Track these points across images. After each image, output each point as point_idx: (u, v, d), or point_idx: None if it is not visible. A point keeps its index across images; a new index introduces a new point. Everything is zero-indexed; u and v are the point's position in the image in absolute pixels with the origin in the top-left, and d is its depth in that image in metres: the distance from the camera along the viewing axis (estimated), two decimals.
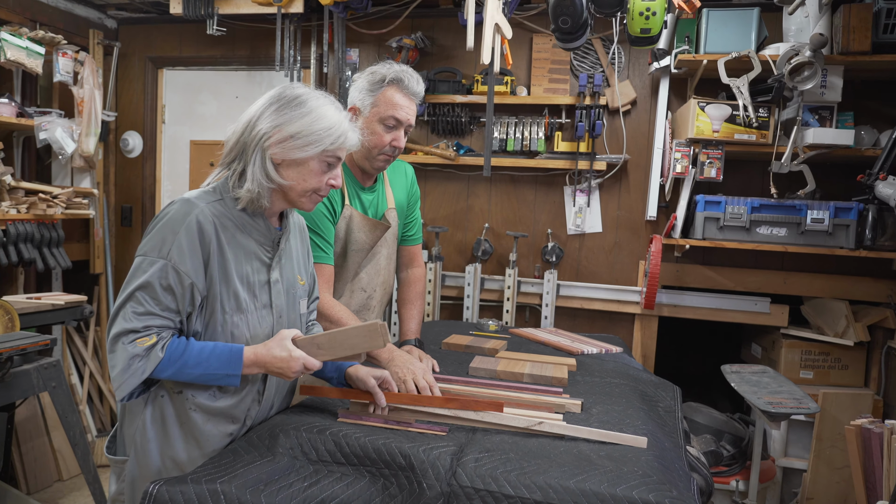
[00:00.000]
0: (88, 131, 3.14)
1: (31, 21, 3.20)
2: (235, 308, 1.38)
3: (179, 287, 1.30)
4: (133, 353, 1.27)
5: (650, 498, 1.21)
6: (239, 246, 1.39)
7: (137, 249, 1.34)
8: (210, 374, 1.32)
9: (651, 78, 3.05)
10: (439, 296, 3.27)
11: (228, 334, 1.38)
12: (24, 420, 3.18)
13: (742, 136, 2.63)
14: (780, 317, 2.96)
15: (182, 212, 1.32)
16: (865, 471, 1.82)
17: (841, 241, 2.63)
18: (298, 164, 1.37)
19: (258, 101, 1.40)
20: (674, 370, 3.56)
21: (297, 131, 1.34)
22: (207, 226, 1.33)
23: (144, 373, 1.28)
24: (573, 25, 1.62)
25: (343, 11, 3.14)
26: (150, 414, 1.38)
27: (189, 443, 1.39)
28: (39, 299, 2.80)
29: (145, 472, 1.39)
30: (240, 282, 1.38)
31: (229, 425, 1.42)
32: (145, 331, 1.29)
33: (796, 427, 2.89)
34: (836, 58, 2.54)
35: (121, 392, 1.31)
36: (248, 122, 1.37)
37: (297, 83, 1.44)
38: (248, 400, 1.44)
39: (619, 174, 3.14)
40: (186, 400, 1.38)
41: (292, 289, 1.51)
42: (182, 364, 1.30)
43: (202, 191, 1.40)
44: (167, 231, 1.31)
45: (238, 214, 1.40)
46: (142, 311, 1.29)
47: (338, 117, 1.39)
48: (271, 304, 1.44)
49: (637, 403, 1.86)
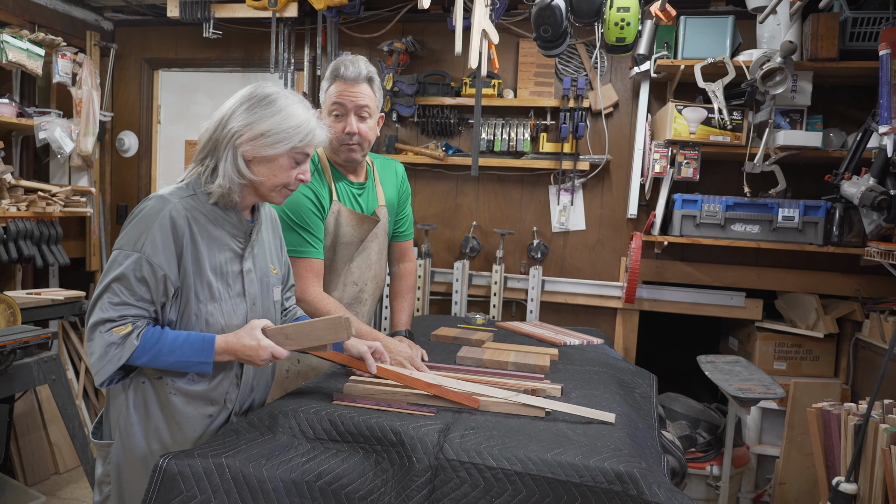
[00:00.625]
0: (87, 131, 3.23)
1: (29, 23, 3.27)
2: (209, 297, 1.44)
3: (153, 278, 1.37)
4: (109, 340, 1.34)
5: (620, 468, 1.33)
6: (212, 238, 1.45)
7: (114, 243, 1.41)
8: (183, 361, 1.39)
9: (632, 82, 3.18)
10: (429, 291, 3.38)
11: (203, 322, 1.45)
12: (22, 414, 3.25)
13: (717, 138, 2.76)
14: (755, 310, 3.09)
15: (156, 208, 1.39)
16: (826, 450, 1.95)
17: (810, 238, 2.77)
18: (269, 160, 1.44)
19: (230, 99, 1.46)
20: (656, 363, 3.69)
21: (267, 129, 1.41)
22: (180, 220, 1.39)
23: (120, 360, 1.35)
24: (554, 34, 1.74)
25: (336, 16, 3.24)
26: (133, 399, 1.46)
27: (171, 425, 1.47)
28: (39, 294, 2.88)
29: (130, 454, 1.47)
30: (213, 272, 1.45)
31: (208, 407, 1.50)
32: (121, 320, 1.35)
33: (770, 416, 3.03)
34: (806, 64, 2.67)
35: (99, 378, 1.37)
36: (220, 119, 1.43)
37: (267, 83, 1.49)
38: (225, 384, 1.51)
39: (602, 174, 3.27)
40: (166, 385, 1.45)
41: (265, 277, 1.58)
42: (156, 352, 1.37)
43: (176, 187, 1.46)
44: (142, 226, 1.37)
45: (210, 208, 1.46)
46: (117, 302, 1.35)
47: (306, 115, 1.46)
48: (244, 292, 1.51)
49: (614, 389, 1.98)
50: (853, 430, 1.82)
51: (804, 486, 2.82)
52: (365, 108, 1.90)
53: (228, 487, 1.31)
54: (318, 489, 1.35)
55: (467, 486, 1.34)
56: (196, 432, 1.49)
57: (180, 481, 1.30)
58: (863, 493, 1.77)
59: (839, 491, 1.80)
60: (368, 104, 1.90)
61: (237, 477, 1.31)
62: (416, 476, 1.35)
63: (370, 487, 1.38)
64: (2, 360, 2.41)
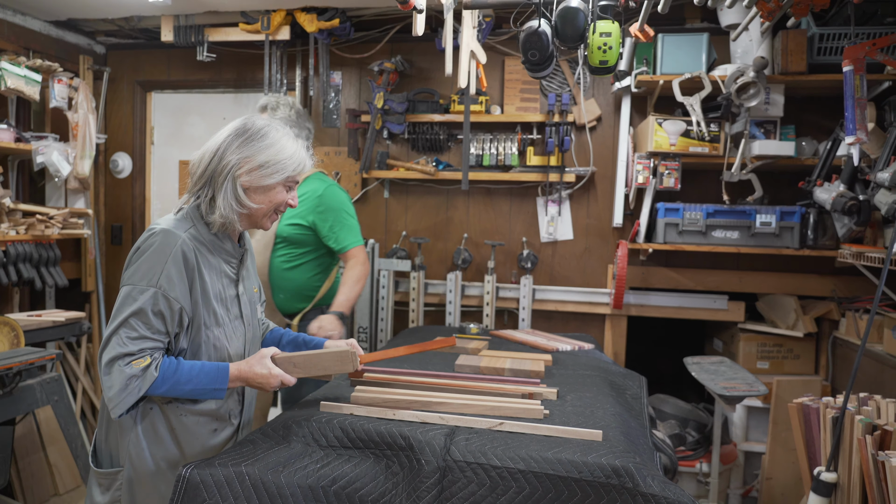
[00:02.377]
0: (83, 154, 3.28)
1: (24, 49, 3.33)
2: (214, 322, 1.53)
3: (169, 311, 1.43)
4: (130, 373, 1.39)
5: (616, 463, 1.43)
6: (212, 266, 1.54)
7: (124, 278, 1.45)
8: (200, 389, 1.47)
9: (614, 96, 3.31)
10: (423, 303, 3.46)
11: (211, 346, 1.53)
12: (21, 436, 3.26)
13: (696, 149, 2.89)
14: (737, 312, 3.22)
15: (166, 243, 1.44)
16: (807, 442, 2.06)
17: (787, 242, 2.90)
18: (266, 189, 1.54)
19: (220, 133, 1.54)
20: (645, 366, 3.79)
21: (265, 161, 1.51)
22: (189, 253, 1.47)
23: (141, 391, 1.40)
24: (541, 57, 1.85)
25: (327, 37, 3.34)
26: (142, 425, 1.52)
27: (178, 444, 1.55)
28: (40, 317, 2.92)
29: (142, 476, 1.52)
30: (215, 299, 1.53)
31: (214, 423, 1.59)
32: (140, 353, 1.40)
33: (755, 413, 3.15)
34: (777, 77, 2.82)
35: (118, 410, 1.41)
36: (214, 152, 1.51)
37: (255, 116, 1.61)
38: (230, 402, 1.62)
39: (588, 185, 3.39)
40: (176, 408, 1.53)
41: (252, 298, 1.69)
42: (175, 381, 1.44)
43: (176, 219, 1.52)
44: (154, 261, 1.43)
45: (209, 238, 1.54)
46: (136, 336, 1.40)
47: (296, 146, 1.58)
48: (241, 314, 1.62)
49: (607, 391, 2.08)
50: (831, 423, 1.93)
51: (790, 479, 2.94)
52: None
53: (249, 494, 1.38)
54: (333, 493, 1.43)
55: (474, 485, 1.43)
56: (202, 446, 1.58)
57: (203, 490, 1.37)
58: (842, 481, 1.88)
59: (820, 480, 1.91)
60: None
61: (257, 484, 1.39)
62: (425, 478, 1.44)
63: (382, 490, 1.46)
64: (7, 382, 2.45)
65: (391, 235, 3.61)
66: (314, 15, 3.17)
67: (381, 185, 3.61)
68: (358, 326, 3.47)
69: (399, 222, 3.61)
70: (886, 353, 2.52)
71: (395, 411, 1.65)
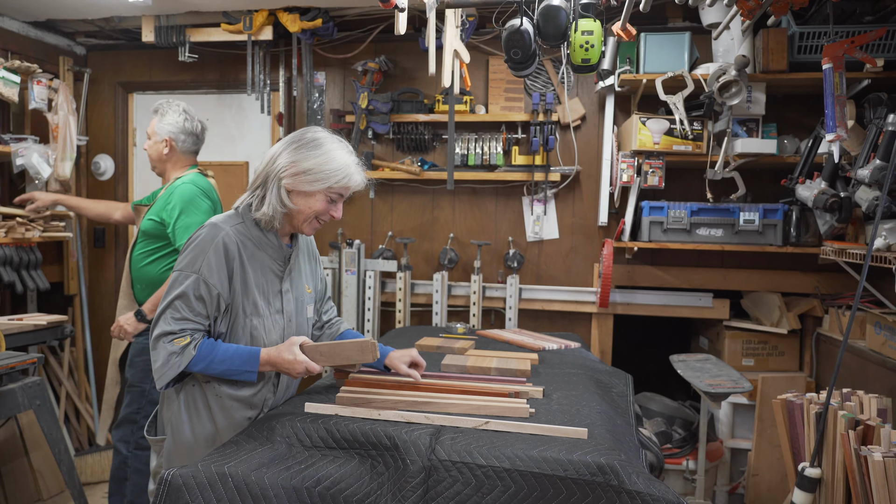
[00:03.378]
0: (64, 156, 3.24)
1: (2, 50, 3.28)
2: (254, 312, 1.64)
3: (209, 296, 1.57)
4: (171, 350, 1.55)
5: (602, 461, 1.43)
6: (257, 261, 1.65)
7: (175, 266, 1.62)
8: (233, 369, 1.59)
9: (598, 95, 3.32)
10: (409, 303, 3.45)
11: (248, 335, 1.64)
12: (3, 441, 3.22)
13: (680, 147, 2.90)
14: (722, 310, 3.24)
15: (210, 234, 1.59)
16: (791, 439, 2.08)
17: (770, 239, 2.93)
18: (306, 195, 1.64)
19: (283, 139, 1.67)
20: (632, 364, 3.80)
21: (309, 168, 1.61)
22: (231, 245, 1.59)
23: (180, 367, 1.55)
24: (524, 56, 1.85)
25: (310, 37, 3.33)
26: (184, 400, 1.66)
27: (215, 423, 1.65)
28: (21, 320, 2.88)
29: (180, 446, 1.66)
30: (257, 291, 1.64)
31: (249, 411, 1.67)
32: (181, 332, 1.56)
33: (741, 410, 3.17)
34: (759, 76, 2.84)
35: (160, 382, 1.58)
36: (271, 156, 1.64)
37: (318, 128, 1.69)
38: (264, 391, 1.70)
39: (573, 184, 3.40)
40: (214, 389, 1.65)
41: (301, 297, 1.78)
42: (210, 361, 1.57)
43: (228, 215, 1.67)
44: (198, 251, 1.58)
45: (256, 234, 1.66)
46: (178, 317, 1.56)
47: (346, 160, 1.65)
48: (282, 309, 1.71)
49: (593, 389, 2.08)
50: (815, 419, 1.94)
51: (776, 476, 2.96)
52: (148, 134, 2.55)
53: (232, 495, 1.37)
54: (318, 494, 1.42)
55: (459, 484, 1.42)
56: (235, 429, 1.65)
57: (185, 492, 1.36)
58: (826, 476, 1.90)
59: (805, 476, 1.92)
60: (147, 130, 2.55)
61: (240, 485, 1.38)
62: (410, 477, 1.43)
63: (367, 490, 1.45)
64: None
65: (377, 236, 3.60)
66: (297, 15, 3.16)
67: (366, 186, 3.58)
68: None
69: (385, 223, 3.60)
70: (869, 349, 2.54)
71: (381, 411, 1.64)
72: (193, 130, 2.54)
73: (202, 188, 2.45)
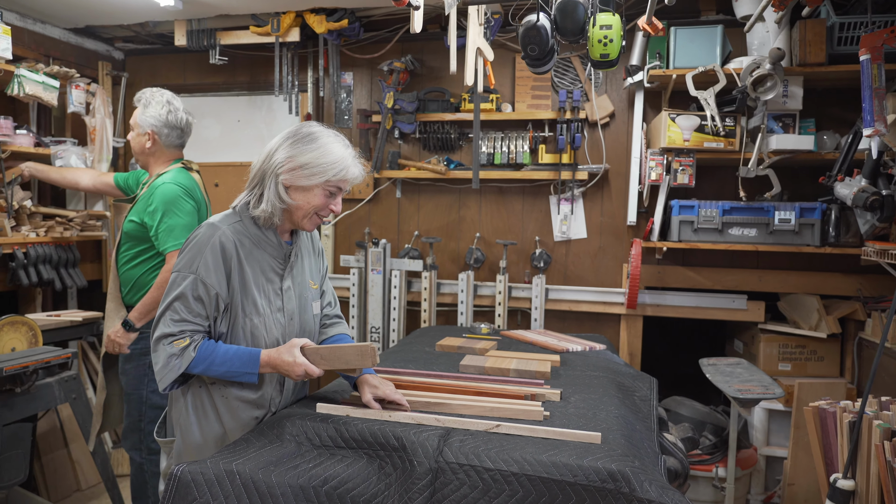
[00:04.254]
0: (100, 158, 3.35)
1: (44, 56, 3.41)
2: (254, 311, 1.61)
3: (207, 297, 1.55)
4: (170, 352, 1.53)
5: (613, 467, 1.38)
6: (255, 260, 1.62)
7: (173, 267, 1.60)
8: (233, 371, 1.57)
9: (627, 92, 3.24)
10: (435, 303, 3.44)
11: (249, 334, 1.62)
12: (45, 433, 3.35)
13: (711, 144, 2.81)
14: (757, 313, 3.12)
15: (207, 234, 1.57)
16: (824, 448, 1.98)
17: (807, 240, 2.81)
18: (304, 189, 1.60)
19: (279, 135, 1.63)
20: (664, 367, 3.72)
21: (306, 162, 1.57)
22: (228, 245, 1.57)
23: (180, 369, 1.54)
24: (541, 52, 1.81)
25: (337, 38, 3.35)
26: (192, 402, 1.65)
27: (223, 424, 1.64)
28: (59, 316, 2.98)
29: (189, 447, 1.66)
30: (257, 290, 1.61)
31: (255, 410, 1.66)
32: (180, 334, 1.54)
33: (777, 417, 3.05)
34: (795, 69, 2.73)
35: (162, 384, 1.56)
36: (268, 153, 1.61)
37: (313, 122, 1.67)
38: (271, 391, 1.68)
39: (601, 183, 3.33)
40: (220, 389, 1.63)
41: (305, 293, 1.74)
42: (210, 362, 1.55)
43: (225, 214, 1.64)
44: (195, 251, 1.56)
45: (255, 232, 1.63)
46: (177, 319, 1.54)
47: (342, 153, 1.62)
48: (283, 308, 1.67)
49: (613, 392, 2.03)
50: (848, 428, 1.85)
51: (813, 486, 2.84)
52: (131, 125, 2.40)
53: (239, 493, 1.38)
54: (325, 494, 1.41)
55: (466, 487, 1.40)
56: (242, 430, 1.64)
57: (194, 488, 1.37)
58: (860, 489, 1.80)
59: (837, 488, 1.83)
60: (132, 123, 2.38)
61: (247, 483, 1.38)
62: (417, 479, 1.42)
63: (374, 491, 1.44)
64: (24, 380, 2.50)
65: (403, 235, 3.60)
66: (323, 16, 3.18)
67: (393, 185, 3.60)
68: (370, 326, 3.47)
69: (411, 222, 3.60)
70: None
71: (391, 413, 1.63)
72: (178, 124, 2.36)
73: (185, 186, 2.28)
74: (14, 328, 2.61)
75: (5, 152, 2.86)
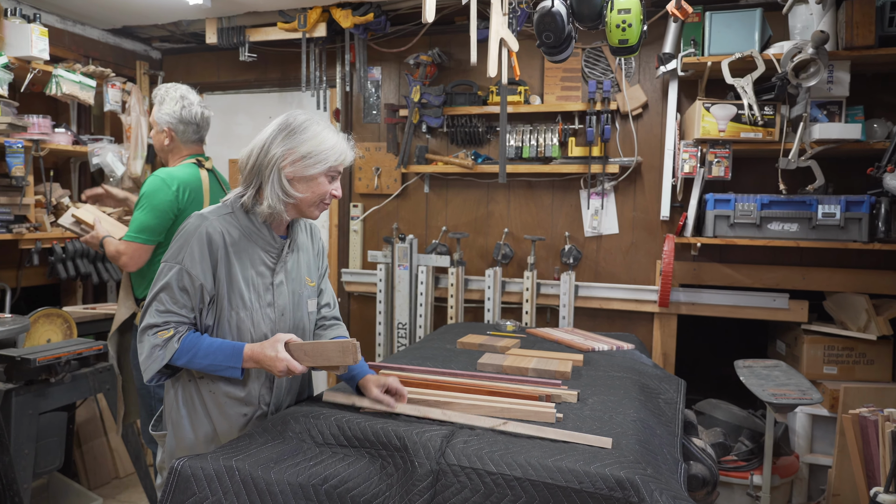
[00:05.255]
0: (136, 155, 3.43)
1: (84, 56, 3.52)
2: (240, 305, 1.59)
3: (192, 287, 1.53)
4: (154, 343, 1.52)
5: (621, 475, 1.31)
6: (245, 252, 1.59)
7: (162, 258, 1.58)
8: (216, 365, 1.54)
9: (661, 81, 3.11)
10: (462, 299, 3.40)
11: (235, 328, 1.59)
12: (85, 422, 3.46)
13: (748, 135, 2.67)
14: (800, 312, 2.96)
15: (194, 224, 1.56)
16: (865, 459, 1.85)
17: (854, 235, 2.63)
18: (308, 179, 1.58)
19: (265, 129, 1.60)
20: (704, 370, 3.58)
21: (307, 152, 1.55)
22: (216, 236, 1.55)
23: (163, 360, 1.51)
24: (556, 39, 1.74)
25: (363, 33, 3.34)
26: (182, 396, 1.64)
27: (213, 419, 1.62)
28: (95, 309, 3.07)
29: (181, 443, 1.64)
30: (244, 283, 1.59)
31: (243, 408, 1.63)
32: (164, 325, 1.52)
33: (821, 423, 2.88)
34: (841, 53, 2.56)
35: (146, 375, 1.54)
36: (261, 147, 1.57)
37: (298, 111, 1.63)
38: (257, 387, 1.64)
39: (634, 176, 3.21)
40: (208, 385, 1.61)
41: (299, 290, 1.69)
42: (193, 355, 1.53)
43: (215, 206, 1.63)
44: (182, 241, 1.55)
45: (246, 224, 1.60)
46: (162, 310, 1.53)
47: (336, 138, 1.60)
48: (274, 303, 1.64)
49: (634, 394, 1.94)
50: (891, 438, 1.72)
51: (859, 497, 2.67)
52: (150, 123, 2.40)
53: (238, 489, 1.37)
54: (325, 492, 1.39)
55: (468, 490, 1.36)
56: (235, 427, 1.62)
57: (193, 483, 1.37)
58: None
59: (877, 502, 1.70)
60: (150, 120, 2.38)
61: (246, 479, 1.37)
62: (417, 481, 1.38)
63: (375, 492, 1.41)
64: (58, 371, 2.58)
65: (432, 231, 3.57)
66: (349, 10, 3.17)
67: (421, 181, 3.57)
68: (397, 322, 3.45)
69: (439, 217, 3.56)
70: None
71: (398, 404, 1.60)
72: (193, 119, 2.33)
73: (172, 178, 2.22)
74: (49, 320, 2.70)
75: (44, 150, 2.96)
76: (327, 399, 1.64)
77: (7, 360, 2.43)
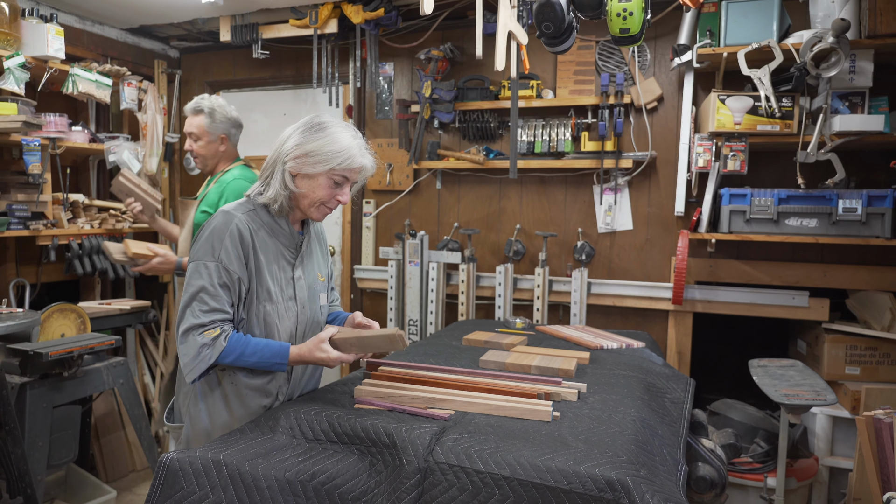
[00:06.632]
0: (151, 152, 3.48)
1: (102, 56, 3.57)
2: (267, 298, 1.63)
3: (231, 283, 1.57)
4: (202, 342, 1.53)
5: (612, 475, 1.27)
6: (269, 247, 1.64)
7: (190, 256, 1.61)
8: (264, 362, 1.59)
9: (676, 74, 3.04)
10: (473, 296, 3.37)
11: (262, 321, 1.63)
12: (103, 415, 3.53)
13: (765, 128, 2.58)
14: (821, 311, 2.86)
15: (224, 222, 1.59)
16: (879, 463, 1.77)
17: (876, 231, 2.53)
18: (310, 177, 1.62)
19: (290, 126, 1.65)
20: (721, 369, 3.49)
21: (311, 150, 1.59)
22: (245, 231, 1.59)
23: (211, 359, 1.54)
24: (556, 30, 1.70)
25: (375, 28, 3.32)
26: (200, 388, 1.67)
27: (230, 410, 1.65)
28: (109, 304, 3.12)
29: (197, 433, 1.68)
30: (270, 277, 1.63)
31: (264, 399, 1.67)
32: (211, 324, 1.55)
33: (842, 425, 2.78)
34: (864, 42, 2.46)
35: (191, 375, 1.56)
36: (280, 142, 1.64)
37: (324, 114, 1.68)
38: (279, 379, 1.69)
39: (648, 171, 3.14)
40: (230, 376, 1.64)
41: (314, 285, 1.76)
42: (241, 353, 1.56)
43: (239, 203, 1.67)
44: (215, 239, 1.57)
45: (268, 220, 1.65)
46: (206, 309, 1.55)
47: (349, 143, 1.62)
48: (295, 296, 1.69)
49: (638, 393, 1.89)
50: None
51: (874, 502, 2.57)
52: (191, 134, 2.53)
53: (225, 484, 1.36)
54: (312, 489, 1.38)
55: (455, 489, 1.33)
56: (249, 416, 1.66)
57: (181, 477, 1.37)
58: None
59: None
60: (193, 131, 2.52)
61: (234, 474, 1.37)
62: (405, 479, 1.36)
63: (363, 489, 1.39)
64: (71, 364, 2.63)
65: (444, 227, 3.55)
66: (360, 6, 3.16)
67: (433, 177, 3.54)
68: (408, 319, 3.44)
69: (451, 213, 3.53)
70: None
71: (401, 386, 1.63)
72: (239, 121, 2.58)
73: (252, 181, 2.45)
74: (63, 315, 2.75)
75: (60, 148, 3.01)
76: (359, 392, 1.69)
77: (21, 354, 2.48)
